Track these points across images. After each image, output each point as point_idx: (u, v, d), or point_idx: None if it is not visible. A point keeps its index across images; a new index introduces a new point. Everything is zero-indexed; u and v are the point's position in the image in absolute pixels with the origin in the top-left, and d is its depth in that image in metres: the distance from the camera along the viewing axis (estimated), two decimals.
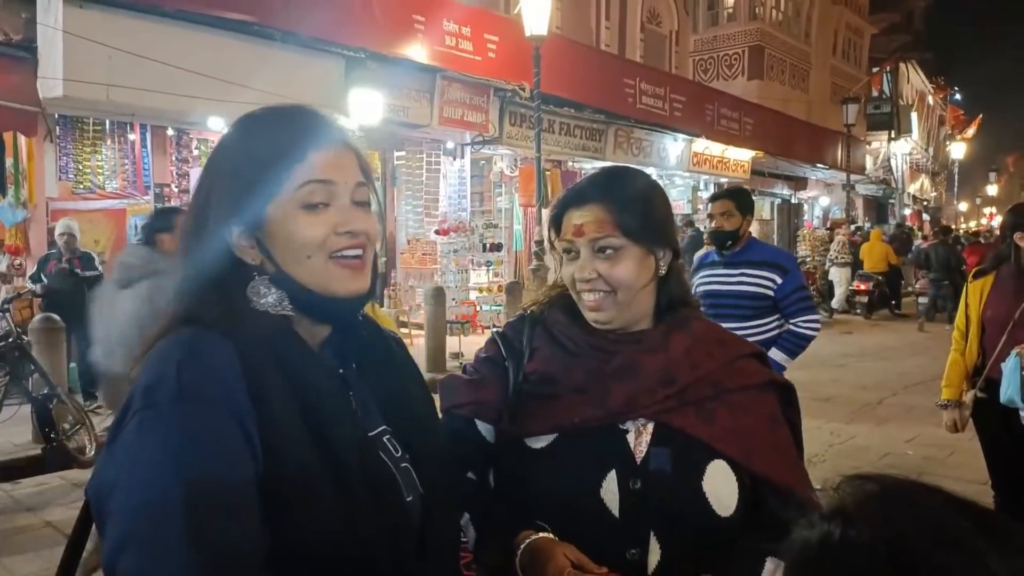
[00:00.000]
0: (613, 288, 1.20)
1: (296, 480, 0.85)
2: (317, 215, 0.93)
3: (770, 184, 19.06)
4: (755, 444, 1.19)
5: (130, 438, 0.81)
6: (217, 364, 0.85)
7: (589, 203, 1.22)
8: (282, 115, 0.97)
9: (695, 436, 1.16)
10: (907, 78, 30.98)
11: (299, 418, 0.87)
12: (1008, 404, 2.94)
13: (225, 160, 0.95)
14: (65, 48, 6.44)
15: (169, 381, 0.82)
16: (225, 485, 0.79)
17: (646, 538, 1.12)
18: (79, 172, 8.12)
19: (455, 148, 10.94)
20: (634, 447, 1.17)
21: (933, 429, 5.19)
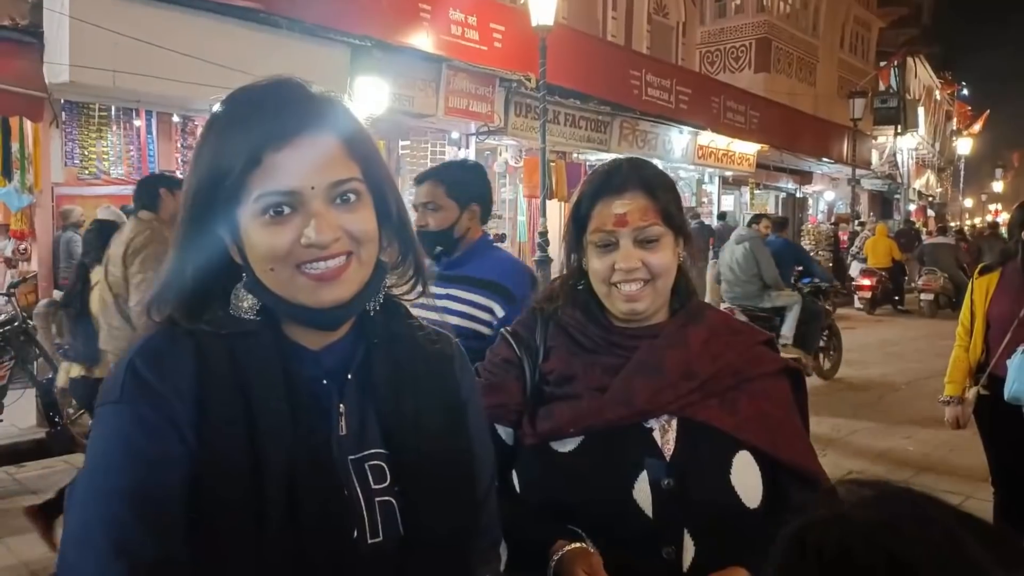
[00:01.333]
0: (654, 276, 1.19)
1: (222, 489, 0.81)
2: (279, 225, 0.84)
3: (775, 178, 19.00)
4: (780, 431, 1.20)
5: (91, 435, 0.86)
6: (168, 368, 0.84)
7: (629, 191, 1.20)
8: (244, 103, 0.86)
9: (720, 428, 1.16)
10: (915, 72, 30.82)
11: (242, 429, 0.83)
12: (1013, 401, 2.94)
13: (196, 157, 0.88)
14: (71, 34, 6.42)
15: (116, 383, 0.84)
16: (147, 495, 0.79)
17: (680, 536, 1.12)
18: (84, 158, 8.14)
19: (460, 138, 10.92)
20: (661, 445, 1.16)
21: (935, 425, 5.20)
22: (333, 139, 0.86)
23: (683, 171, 15.59)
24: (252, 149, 0.82)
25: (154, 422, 0.82)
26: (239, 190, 0.83)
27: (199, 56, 6.77)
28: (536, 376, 1.23)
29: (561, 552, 1.09)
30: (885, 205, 28.48)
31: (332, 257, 0.85)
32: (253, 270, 0.87)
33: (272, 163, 0.82)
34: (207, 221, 0.87)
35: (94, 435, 0.85)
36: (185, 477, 0.81)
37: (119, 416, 0.82)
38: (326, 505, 0.84)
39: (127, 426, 0.82)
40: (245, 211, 0.84)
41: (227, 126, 0.85)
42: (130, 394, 0.83)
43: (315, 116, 0.85)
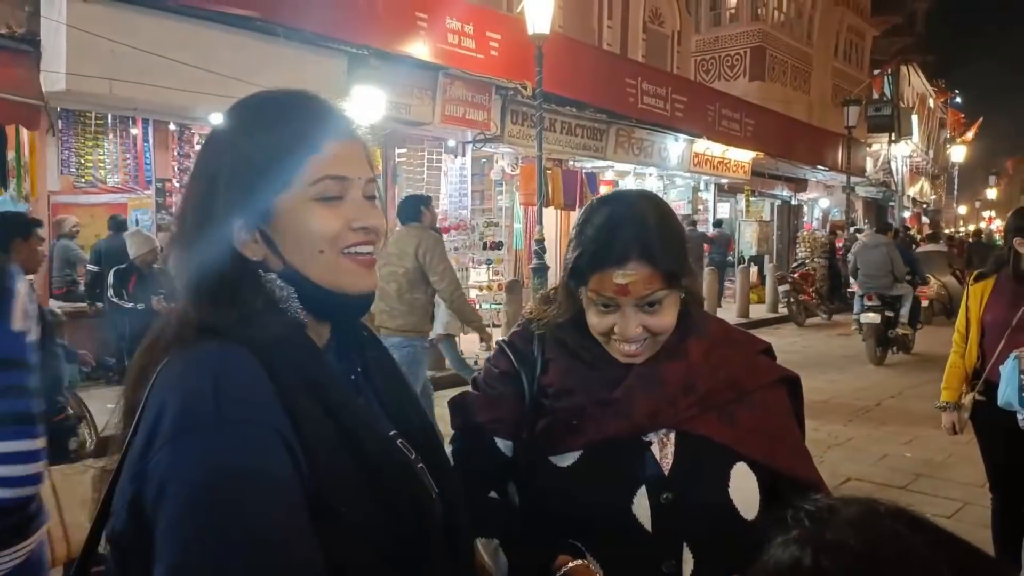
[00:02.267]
0: (654, 335, 1.18)
1: (340, 492, 0.81)
2: (331, 208, 0.89)
3: (770, 185, 19.07)
4: (778, 442, 1.20)
5: (166, 470, 0.74)
6: (251, 381, 0.79)
7: (631, 261, 1.14)
8: (292, 102, 0.92)
9: (719, 441, 1.16)
10: (908, 80, 30.99)
11: (332, 429, 0.83)
12: (1006, 407, 2.96)
13: (231, 147, 0.88)
14: (68, 42, 6.44)
15: (207, 402, 0.76)
16: (277, 516, 0.74)
17: (679, 550, 1.13)
18: (81, 166, 8.13)
19: (456, 146, 10.95)
20: (660, 459, 1.16)
21: (931, 431, 5.22)
22: (360, 142, 0.95)
23: (679, 179, 15.64)
24: (315, 136, 0.88)
25: (264, 439, 0.76)
26: (294, 174, 0.87)
27: (196, 65, 6.79)
28: (535, 389, 1.23)
29: (564, 568, 1.09)
30: (880, 212, 28.58)
31: (372, 244, 0.92)
32: (289, 258, 0.88)
33: (331, 151, 0.89)
34: (227, 211, 0.87)
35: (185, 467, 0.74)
36: (305, 487, 0.77)
37: (227, 437, 0.74)
38: (414, 480, 0.90)
39: (240, 446, 0.75)
40: (294, 196, 0.87)
41: (278, 112, 0.90)
42: (231, 414, 0.75)
43: (349, 120, 0.95)
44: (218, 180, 0.88)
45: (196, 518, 0.72)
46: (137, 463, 0.77)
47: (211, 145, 0.92)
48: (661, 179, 15.15)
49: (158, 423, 0.77)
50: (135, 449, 0.79)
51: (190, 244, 0.89)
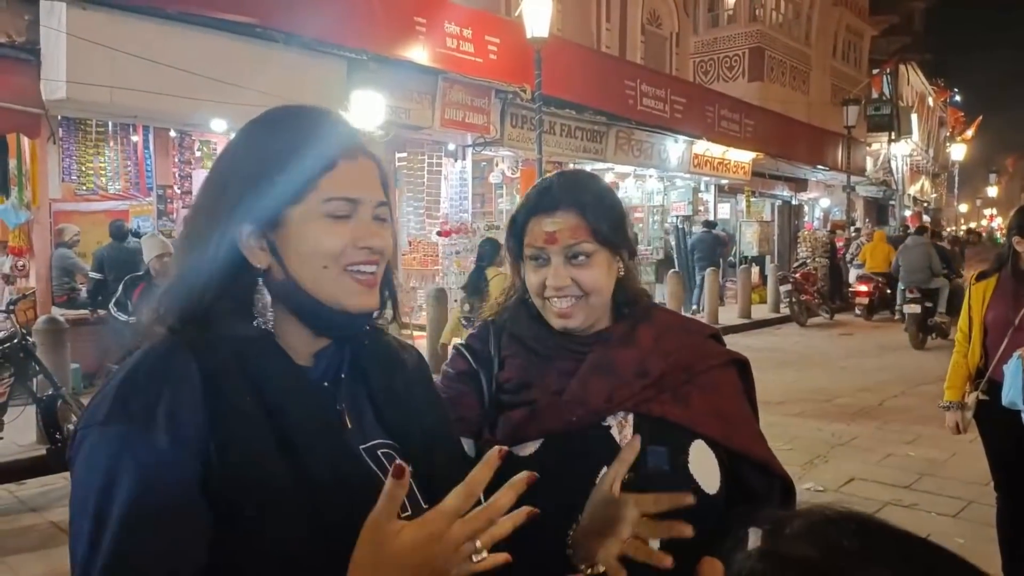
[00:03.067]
0: (585, 293, 1.22)
1: (261, 496, 0.81)
2: (340, 225, 0.90)
3: (771, 186, 19.07)
4: (731, 421, 1.24)
5: (75, 459, 0.81)
6: (169, 380, 0.81)
7: (561, 209, 1.21)
8: (312, 117, 0.93)
9: (675, 421, 1.20)
10: (907, 79, 31.01)
11: (268, 434, 0.83)
12: (1010, 406, 2.96)
13: (247, 154, 0.91)
14: (68, 50, 6.45)
15: (107, 400, 0.81)
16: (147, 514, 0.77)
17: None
18: (82, 174, 8.16)
19: (456, 149, 10.96)
20: (620, 441, 1.19)
21: (934, 430, 5.21)
22: (374, 163, 0.96)
23: (679, 180, 15.65)
24: (330, 154, 0.90)
25: (148, 440, 0.78)
26: (307, 187, 0.89)
27: (196, 71, 6.81)
28: (493, 386, 1.26)
29: None
30: (880, 211, 28.58)
31: (375, 264, 0.93)
32: (295, 270, 0.90)
33: (344, 170, 0.90)
34: (237, 216, 0.88)
35: (81, 459, 0.80)
36: (193, 492, 0.80)
37: (108, 436, 0.79)
38: (369, 493, 0.83)
39: (118, 445, 0.78)
40: (304, 209, 0.89)
41: (296, 125, 0.91)
42: (120, 414, 0.79)
43: (363, 140, 0.96)
44: (232, 183, 0.90)
45: (71, 508, 0.80)
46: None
47: (229, 150, 0.93)
48: (661, 180, 15.16)
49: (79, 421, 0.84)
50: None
51: (196, 245, 0.90)
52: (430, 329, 8.40)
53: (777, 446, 4.98)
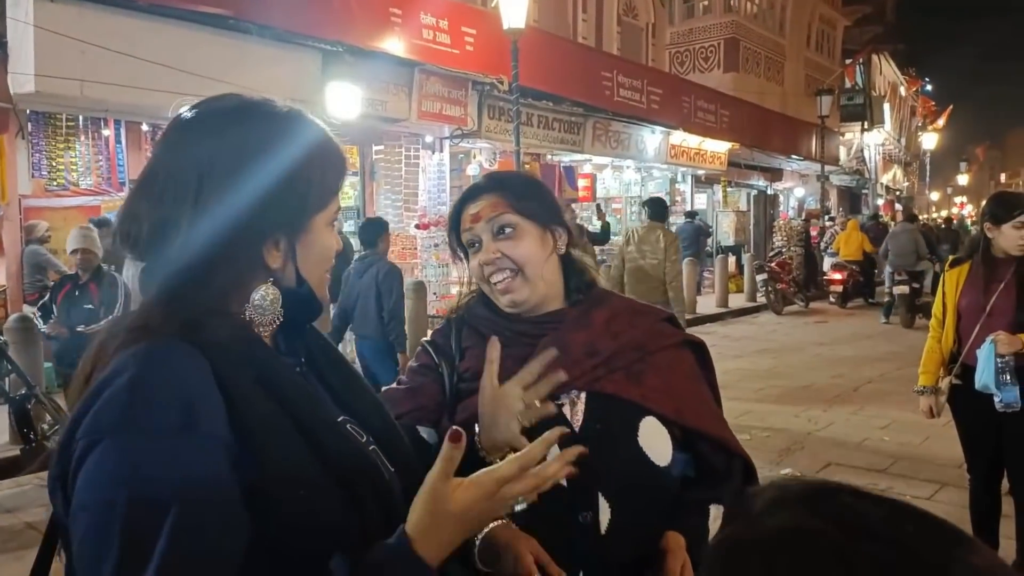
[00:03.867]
0: (519, 266, 1.28)
1: (293, 478, 0.83)
2: (332, 232, 1.01)
3: (746, 175, 19.22)
4: (684, 399, 1.29)
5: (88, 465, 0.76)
6: (176, 382, 0.79)
7: (482, 194, 1.33)
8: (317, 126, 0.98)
9: (626, 398, 1.25)
10: (879, 69, 31.33)
11: (286, 421, 0.86)
12: (983, 390, 3.02)
13: (277, 160, 0.90)
14: (36, 43, 6.32)
15: (120, 406, 0.77)
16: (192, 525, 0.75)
17: (595, 500, 1.19)
18: (52, 169, 8.00)
19: (434, 142, 10.91)
20: (571, 417, 1.24)
21: (908, 415, 5.30)
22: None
23: (656, 171, 15.71)
24: (346, 168, 1.03)
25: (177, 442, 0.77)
26: (329, 198, 0.98)
27: (169, 64, 6.70)
28: (455, 378, 1.32)
29: (487, 529, 1.12)
30: (854, 200, 28.91)
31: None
32: (306, 269, 0.96)
33: (341, 190, 1.03)
34: (267, 222, 0.91)
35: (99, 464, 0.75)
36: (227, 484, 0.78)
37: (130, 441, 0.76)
38: (368, 462, 0.94)
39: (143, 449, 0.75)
40: (324, 217, 0.98)
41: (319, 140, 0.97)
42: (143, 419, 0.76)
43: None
44: (263, 188, 0.89)
45: (85, 521, 0.75)
46: (58, 462, 0.80)
47: (245, 150, 0.89)
48: (639, 171, 15.21)
49: (78, 422, 0.78)
50: (56, 451, 0.81)
51: (211, 244, 0.86)
52: (409, 322, 8.37)
53: (755, 432, 5.06)
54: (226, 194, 0.87)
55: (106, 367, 0.82)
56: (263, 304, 0.92)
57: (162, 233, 0.87)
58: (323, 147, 0.97)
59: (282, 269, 0.94)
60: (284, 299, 0.94)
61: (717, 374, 1.46)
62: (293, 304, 0.96)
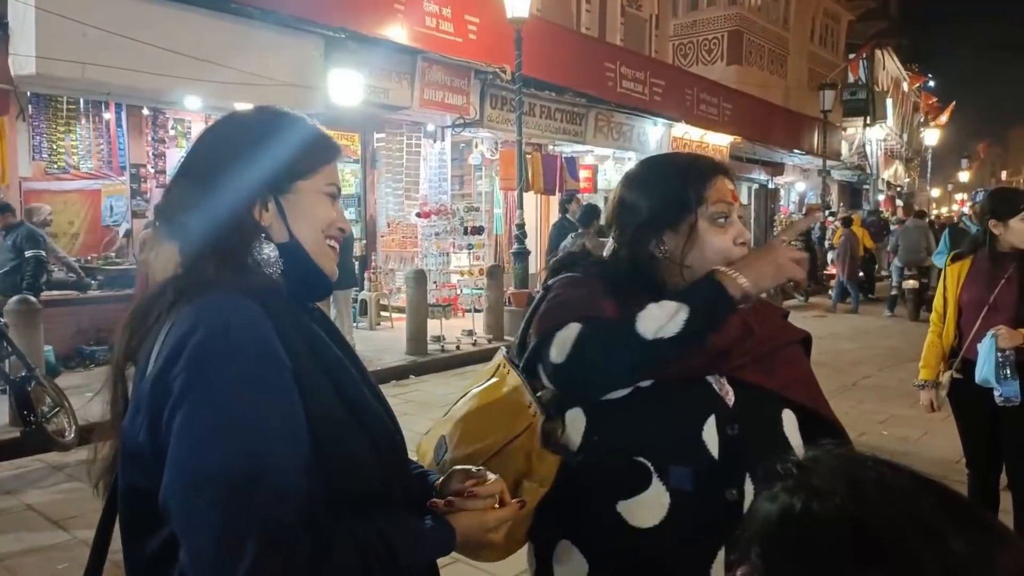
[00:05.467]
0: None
1: (332, 431, 0.93)
2: (331, 203, 1.10)
3: (748, 169, 19.19)
4: (815, 390, 1.35)
5: (181, 391, 0.85)
6: (259, 322, 0.91)
7: (728, 174, 1.34)
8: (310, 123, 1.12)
9: (768, 387, 1.27)
10: (883, 65, 31.24)
11: (321, 374, 0.96)
12: (983, 384, 3.02)
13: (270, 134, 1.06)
14: (38, 24, 6.29)
15: (220, 338, 0.87)
16: (289, 447, 0.86)
17: (743, 480, 1.18)
18: (53, 152, 7.98)
19: (435, 131, 10.88)
20: (721, 394, 1.24)
21: (907, 409, 5.32)
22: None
23: None
24: (334, 150, 1.13)
25: (280, 376, 0.89)
26: (316, 169, 1.09)
27: (170, 48, 6.68)
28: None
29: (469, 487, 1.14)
30: (855, 195, 28.89)
31: (339, 242, 1.13)
32: (296, 229, 1.06)
33: (334, 167, 1.13)
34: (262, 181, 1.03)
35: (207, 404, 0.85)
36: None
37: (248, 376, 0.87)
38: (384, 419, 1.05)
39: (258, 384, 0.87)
40: (312, 184, 1.08)
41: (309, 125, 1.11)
42: (247, 353, 0.87)
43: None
44: (255, 155, 1.03)
45: (196, 441, 0.84)
46: (152, 392, 0.88)
47: (247, 127, 1.08)
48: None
49: (175, 357, 0.87)
50: (149, 382, 0.89)
51: (215, 207, 1.00)
52: (409, 311, 8.38)
53: None
54: (224, 171, 1.03)
55: (166, 319, 0.92)
56: (268, 260, 1.03)
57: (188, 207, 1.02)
58: (306, 128, 1.10)
59: (273, 226, 1.04)
60: (281, 254, 1.04)
61: None
62: (291, 270, 1.05)
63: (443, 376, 7.66)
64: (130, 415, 0.92)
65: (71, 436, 4.95)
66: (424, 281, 8.59)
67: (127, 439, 0.91)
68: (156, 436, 0.87)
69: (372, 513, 0.92)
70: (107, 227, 9.07)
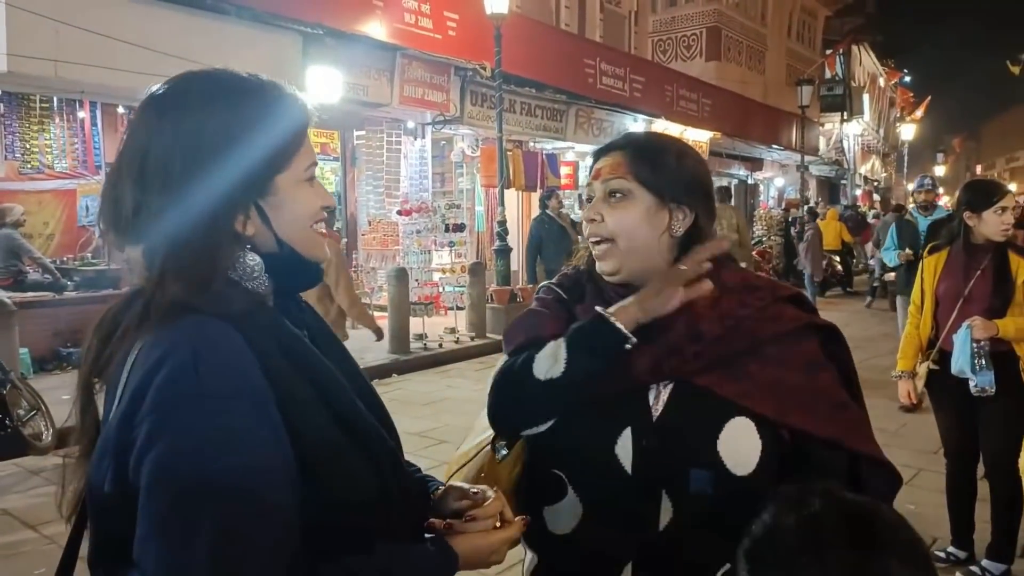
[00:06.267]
0: (612, 235, 1.19)
1: (324, 451, 0.87)
2: (312, 188, 0.98)
3: (727, 165, 19.31)
4: (792, 397, 1.13)
5: (145, 442, 0.77)
6: (232, 353, 0.82)
7: (611, 152, 1.23)
8: (269, 86, 0.96)
9: (720, 394, 1.12)
10: (859, 60, 31.54)
11: (311, 392, 0.89)
12: (959, 374, 3.06)
13: (227, 127, 0.90)
14: (8, 21, 6.18)
15: (189, 376, 0.79)
16: (252, 486, 0.78)
17: (658, 495, 1.12)
18: (26, 151, 7.86)
19: (416, 128, 10.84)
20: (653, 404, 1.15)
21: (886, 401, 5.37)
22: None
23: None
24: (305, 121, 0.98)
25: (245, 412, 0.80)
26: (292, 156, 0.96)
27: (145, 45, 6.58)
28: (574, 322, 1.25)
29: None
30: (833, 190, 29.17)
31: (324, 220, 1.02)
32: (283, 231, 0.95)
33: (308, 144, 0.99)
34: (234, 188, 0.90)
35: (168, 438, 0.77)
36: (287, 453, 0.82)
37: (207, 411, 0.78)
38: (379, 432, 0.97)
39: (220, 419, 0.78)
40: (291, 176, 0.95)
41: (269, 100, 0.95)
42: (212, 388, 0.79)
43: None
44: (219, 156, 0.89)
45: (169, 491, 0.76)
46: (117, 437, 0.80)
47: (208, 123, 0.90)
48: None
49: (140, 398, 0.79)
50: (114, 425, 0.81)
51: (180, 219, 0.87)
52: (391, 309, 8.34)
53: None
54: (194, 176, 0.88)
55: (131, 343, 0.84)
56: (251, 273, 0.93)
57: (144, 215, 0.88)
58: (270, 109, 0.94)
59: (257, 235, 0.94)
60: (267, 264, 0.94)
61: None
62: (279, 269, 0.95)
63: (426, 374, 7.64)
64: (96, 459, 0.84)
65: (48, 439, 4.88)
66: (406, 279, 8.56)
67: (93, 488, 0.84)
68: (123, 484, 0.80)
69: (373, 542, 0.89)
70: (83, 227, 8.96)
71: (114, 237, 0.92)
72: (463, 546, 0.97)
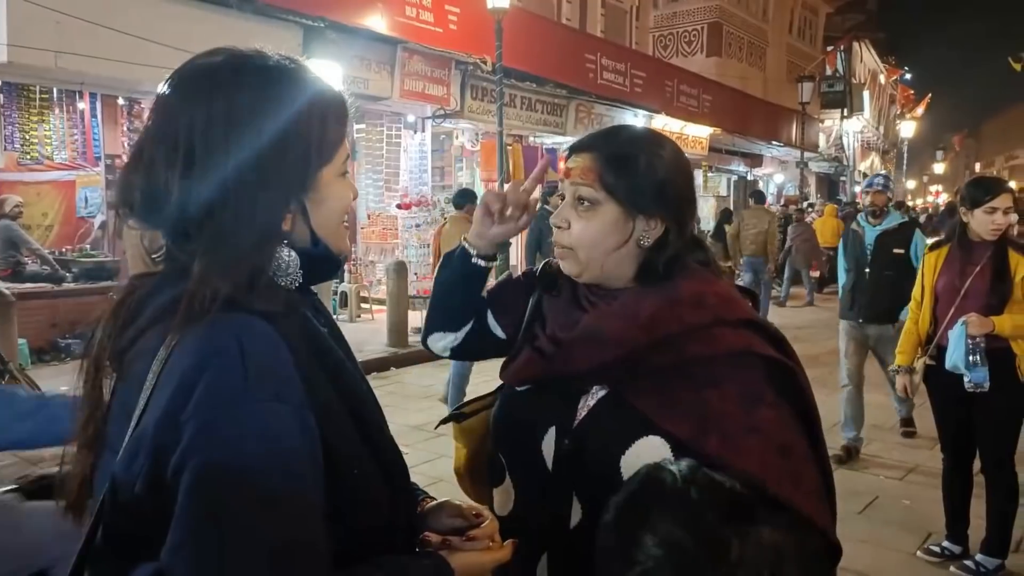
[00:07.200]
0: (573, 246, 1.16)
1: (347, 455, 0.85)
2: (347, 182, 0.96)
3: (727, 161, 19.30)
4: (715, 423, 1.05)
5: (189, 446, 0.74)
6: (275, 354, 0.80)
7: (584, 151, 1.18)
8: (308, 74, 0.93)
9: (638, 409, 1.09)
10: (860, 57, 31.52)
11: (335, 396, 0.87)
12: (953, 370, 3.07)
13: (284, 120, 0.86)
14: (9, 12, 6.17)
15: (235, 378, 0.76)
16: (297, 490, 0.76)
17: (570, 497, 1.15)
18: (26, 142, 7.86)
19: (416, 121, 10.83)
20: (580, 408, 1.15)
21: (883, 397, 5.39)
22: None
23: None
24: (346, 112, 0.96)
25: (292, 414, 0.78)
26: (336, 148, 0.93)
27: (146, 36, 6.57)
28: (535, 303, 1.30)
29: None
30: (832, 187, 29.16)
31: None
32: (320, 228, 0.93)
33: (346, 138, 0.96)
34: (289, 183, 0.87)
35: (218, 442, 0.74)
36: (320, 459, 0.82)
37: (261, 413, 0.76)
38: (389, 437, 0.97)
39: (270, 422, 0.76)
40: (332, 169, 0.92)
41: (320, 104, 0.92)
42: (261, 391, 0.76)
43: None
44: (277, 152, 0.85)
45: (210, 498, 0.73)
46: (156, 435, 0.76)
47: (258, 106, 0.86)
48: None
49: (184, 396, 0.75)
50: (151, 423, 0.77)
51: (228, 213, 0.83)
52: (390, 303, 8.35)
53: None
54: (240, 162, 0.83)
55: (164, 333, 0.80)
56: (286, 269, 0.90)
57: (182, 201, 0.83)
58: (318, 98, 0.91)
59: (295, 230, 0.90)
60: (301, 260, 0.91)
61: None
62: (311, 265, 0.93)
63: (424, 367, 7.65)
64: (126, 456, 0.78)
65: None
66: (405, 273, 8.56)
67: (120, 486, 0.79)
68: (158, 484, 0.75)
69: (375, 555, 0.88)
70: (82, 219, 8.96)
71: (137, 222, 0.87)
72: (460, 563, 0.96)
